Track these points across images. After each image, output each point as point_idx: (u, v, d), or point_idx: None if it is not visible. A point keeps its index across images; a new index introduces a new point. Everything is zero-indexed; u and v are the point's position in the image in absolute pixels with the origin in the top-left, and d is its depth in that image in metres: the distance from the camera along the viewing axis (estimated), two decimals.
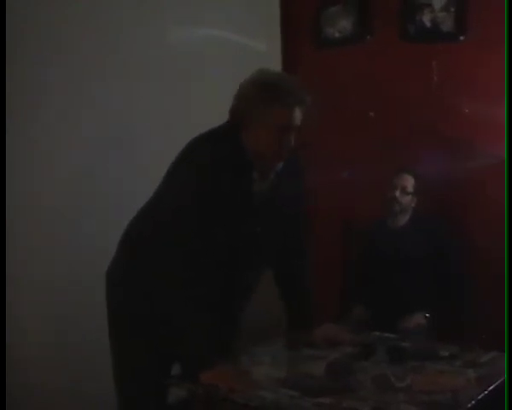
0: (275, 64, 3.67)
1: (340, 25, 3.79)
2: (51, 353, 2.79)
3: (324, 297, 2.77)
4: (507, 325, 1.92)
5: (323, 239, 3.65)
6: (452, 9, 3.39)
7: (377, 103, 3.68)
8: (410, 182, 3.29)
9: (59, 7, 2.81)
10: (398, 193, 3.27)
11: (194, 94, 3.30)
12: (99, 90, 2.94)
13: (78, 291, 2.81)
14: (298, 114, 2.06)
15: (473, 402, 1.80)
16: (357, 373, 2.00)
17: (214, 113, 2.64)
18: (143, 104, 3.10)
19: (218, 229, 2.00)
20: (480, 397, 1.84)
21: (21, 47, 2.67)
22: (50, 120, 2.79)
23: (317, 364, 2.08)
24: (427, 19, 3.47)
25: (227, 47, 3.54)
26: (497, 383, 1.92)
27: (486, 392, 1.87)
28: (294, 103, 2.05)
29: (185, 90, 3.26)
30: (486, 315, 3.14)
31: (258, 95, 2.03)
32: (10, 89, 2.56)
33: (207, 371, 1.91)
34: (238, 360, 2.14)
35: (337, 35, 3.81)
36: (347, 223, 3.72)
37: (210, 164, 2.01)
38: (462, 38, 3.39)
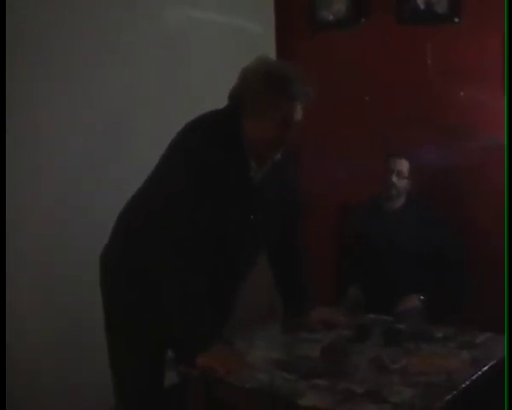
0: (269, 46, 3.67)
1: (335, 7, 3.77)
2: (51, 352, 2.79)
3: (319, 280, 2.78)
4: (507, 323, 1.92)
5: (318, 222, 3.66)
6: None
7: (372, 87, 3.68)
8: (405, 166, 3.29)
9: (58, 4, 2.80)
10: (394, 177, 3.27)
11: (186, 79, 3.29)
12: (99, 88, 2.95)
13: (79, 291, 2.81)
14: (300, 105, 2.05)
15: (467, 383, 1.82)
16: (352, 356, 2.01)
17: (207, 97, 2.64)
18: (141, 99, 3.09)
19: (212, 215, 2.00)
20: (474, 378, 1.85)
21: (21, 46, 2.66)
22: (50, 119, 2.78)
23: (313, 347, 2.09)
24: (421, 1, 3.46)
25: (221, 30, 3.52)
26: (491, 364, 1.94)
27: (480, 373, 1.89)
28: (300, 97, 2.04)
29: (177, 74, 3.25)
30: (481, 297, 3.16)
31: (265, 86, 2.01)
32: (10, 89, 2.55)
33: (203, 354, 1.92)
34: (234, 342, 2.15)
35: (331, 18, 3.80)
36: (342, 206, 3.73)
37: (204, 150, 2.00)
38: (456, 19, 3.37)
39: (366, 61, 3.66)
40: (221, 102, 2.16)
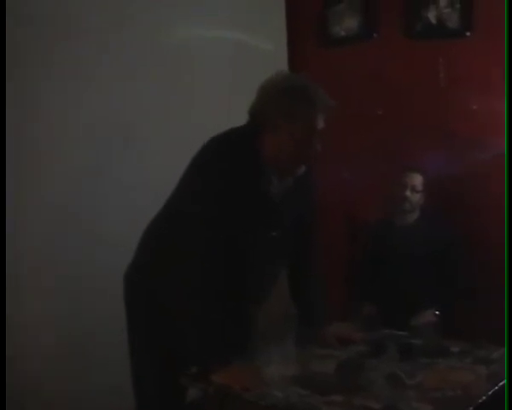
0: (281, 63, 3.68)
1: (346, 23, 3.79)
2: (51, 353, 2.79)
3: (333, 296, 2.78)
4: (507, 325, 1.91)
5: (331, 238, 3.65)
6: (457, 5, 3.37)
7: (384, 101, 3.67)
8: (419, 180, 3.29)
9: (59, 6, 2.82)
10: (408, 192, 3.26)
11: (199, 94, 3.30)
12: (99, 91, 2.96)
13: (79, 291, 2.82)
14: (322, 119, 2.06)
15: (484, 398, 1.80)
16: (368, 371, 2.00)
17: (219, 113, 2.63)
18: (147, 104, 3.10)
19: (233, 233, 2.00)
20: (490, 393, 1.84)
21: (22, 46, 2.68)
22: (50, 120, 2.80)
23: (328, 362, 2.08)
24: (432, 15, 3.46)
25: (233, 47, 3.53)
26: None
27: (497, 388, 1.87)
28: (320, 109, 2.05)
29: (190, 91, 3.26)
30: (495, 311, 3.13)
31: (285, 98, 2.02)
32: (10, 89, 2.57)
33: (219, 371, 1.92)
34: (250, 358, 2.14)
35: (343, 33, 3.82)
36: (355, 221, 3.72)
37: (224, 168, 2.00)
38: (468, 33, 3.38)
39: (378, 76, 3.66)
40: (233, 117, 2.17)
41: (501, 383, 1.90)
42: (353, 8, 3.75)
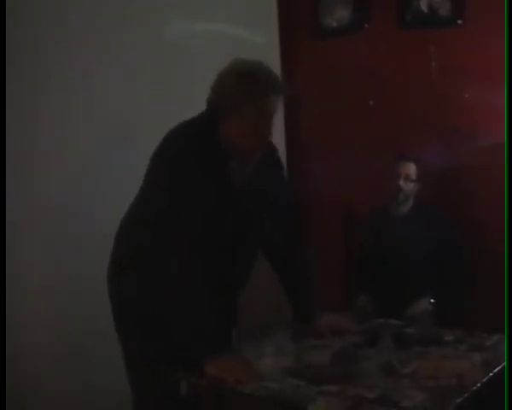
0: (273, 56, 3.69)
1: (338, 14, 3.79)
2: (51, 353, 2.81)
3: (328, 287, 2.79)
4: (507, 322, 1.92)
5: (326, 229, 3.66)
6: None
7: (376, 91, 3.68)
8: (412, 169, 3.28)
9: (59, 5, 2.84)
10: (402, 181, 3.26)
11: (199, 94, 3.30)
12: (99, 91, 2.97)
13: (79, 291, 2.84)
14: (274, 102, 2.10)
15: (478, 385, 1.81)
16: (362, 361, 2.01)
17: None
18: (147, 104, 3.11)
19: (200, 221, 2.02)
20: (485, 380, 1.84)
21: (21, 46, 2.70)
22: (50, 120, 2.81)
23: (322, 353, 2.09)
24: (424, 4, 3.46)
25: (225, 41, 3.52)
26: (501, 366, 1.92)
27: (491, 375, 1.88)
28: (270, 91, 2.09)
29: (183, 85, 3.26)
30: (490, 300, 3.13)
31: (235, 84, 2.07)
32: (10, 89, 2.58)
33: (212, 364, 1.92)
34: (243, 351, 2.15)
35: (335, 24, 3.82)
36: (349, 212, 3.72)
37: (183, 159, 2.04)
38: (459, 22, 3.37)
39: (371, 66, 3.66)
40: None
41: (495, 371, 1.90)
42: None
